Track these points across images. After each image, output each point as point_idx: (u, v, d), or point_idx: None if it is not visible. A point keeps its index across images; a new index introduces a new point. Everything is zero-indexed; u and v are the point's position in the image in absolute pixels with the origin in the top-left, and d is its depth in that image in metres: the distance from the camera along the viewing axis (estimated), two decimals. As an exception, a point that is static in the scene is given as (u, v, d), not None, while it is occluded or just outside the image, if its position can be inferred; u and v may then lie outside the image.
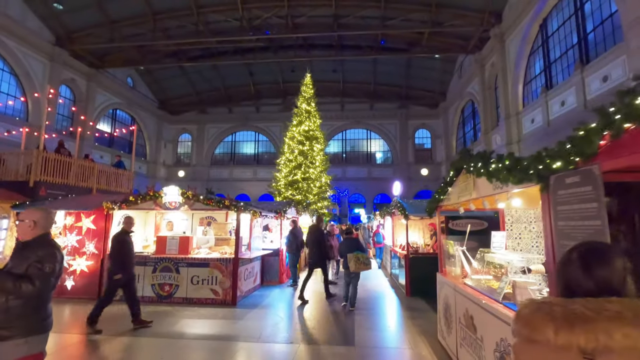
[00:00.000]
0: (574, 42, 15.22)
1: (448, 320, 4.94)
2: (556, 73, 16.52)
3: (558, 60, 16.31)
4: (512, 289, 3.46)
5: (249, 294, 8.43)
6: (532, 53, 18.02)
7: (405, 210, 8.49)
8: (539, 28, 17.34)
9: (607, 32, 13.42)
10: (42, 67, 19.20)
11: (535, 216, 5.57)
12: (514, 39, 18.59)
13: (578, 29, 14.93)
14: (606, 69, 13.02)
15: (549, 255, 2.56)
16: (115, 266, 5.81)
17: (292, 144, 19.82)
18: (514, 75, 18.75)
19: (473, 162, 3.79)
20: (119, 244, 5.87)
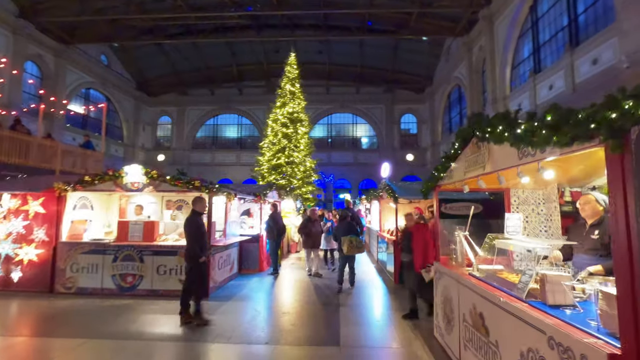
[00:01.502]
0: (564, 24, 14.58)
1: (448, 316, 4.20)
2: (545, 56, 15.93)
3: (547, 43, 15.70)
4: (539, 285, 2.69)
5: (224, 284, 7.57)
6: (521, 36, 17.36)
7: (394, 193, 7.72)
8: (529, 10, 16.65)
9: (599, 14, 12.80)
10: (4, 41, 17.37)
11: (544, 197, 4.85)
12: (503, 21, 17.86)
13: (569, 10, 14.27)
14: (596, 52, 12.45)
15: (622, 244, 1.76)
16: (197, 249, 5.32)
17: (276, 127, 18.77)
18: (502, 59, 18.10)
19: (490, 127, 2.97)
20: (196, 226, 5.41)
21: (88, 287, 6.60)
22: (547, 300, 2.58)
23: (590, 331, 2.06)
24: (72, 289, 6.59)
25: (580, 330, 2.11)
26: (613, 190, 1.82)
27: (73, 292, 6.59)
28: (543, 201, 4.81)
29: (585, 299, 2.67)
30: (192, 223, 5.37)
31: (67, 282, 6.61)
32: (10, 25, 17.45)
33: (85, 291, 6.58)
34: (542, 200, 4.81)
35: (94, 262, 6.60)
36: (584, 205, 3.51)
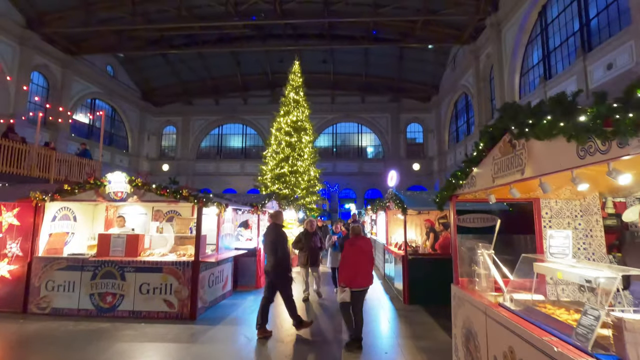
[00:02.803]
0: (575, 29, 13.89)
1: (472, 354, 3.39)
2: (555, 62, 15.21)
3: (558, 48, 14.99)
4: (612, 332, 1.90)
5: (216, 303, 6.80)
6: (529, 42, 16.70)
7: (403, 203, 6.94)
8: (538, 16, 16.02)
9: (612, 17, 12.09)
10: (11, 52, 17.13)
11: (582, 209, 4.04)
12: (511, 27, 17.22)
13: (580, 14, 13.59)
14: (611, 56, 11.71)
15: None
16: (286, 261, 5.25)
17: (279, 135, 18.14)
18: (510, 66, 17.40)
19: (535, 117, 2.22)
20: (283, 238, 5.31)
21: (63, 307, 5.88)
22: (627, 357, 1.79)
23: None
24: (47, 309, 5.88)
25: None
26: None
27: (47, 312, 5.87)
28: (581, 213, 4.00)
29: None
30: (280, 235, 5.26)
31: (42, 302, 5.91)
32: (17, 36, 17.24)
33: (60, 312, 5.86)
34: (580, 213, 4.01)
35: (71, 280, 5.90)
36: None
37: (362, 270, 4.62)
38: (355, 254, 4.66)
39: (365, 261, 4.71)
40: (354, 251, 4.69)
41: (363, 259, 4.68)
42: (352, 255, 4.66)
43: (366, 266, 4.71)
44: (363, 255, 4.70)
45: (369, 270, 4.75)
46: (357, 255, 4.66)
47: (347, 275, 4.59)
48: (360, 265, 4.62)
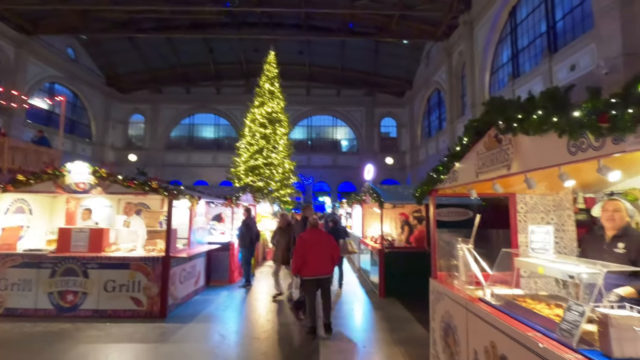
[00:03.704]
0: (542, 31, 14.43)
1: (451, 348, 3.40)
2: (524, 62, 15.77)
3: (526, 48, 15.53)
4: (597, 328, 1.90)
5: (188, 299, 6.52)
6: (500, 41, 17.17)
7: (380, 197, 6.92)
8: (508, 16, 16.48)
9: (577, 21, 12.63)
10: (-45, 28, 15.56)
11: (554, 204, 4.15)
12: (483, 26, 17.63)
13: (547, 17, 14.10)
14: (574, 58, 12.27)
15: None
16: None
17: (254, 127, 17.74)
18: (481, 64, 17.86)
19: (524, 112, 2.18)
20: None
21: (18, 307, 5.41)
22: (611, 352, 1.79)
23: None
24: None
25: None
26: None
27: (0, 313, 5.39)
28: (554, 208, 4.10)
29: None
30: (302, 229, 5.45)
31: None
32: (-39, 11, 15.67)
33: (15, 312, 5.39)
34: (553, 208, 4.11)
35: (27, 278, 5.43)
36: (613, 212, 2.82)
37: (311, 260, 4.82)
38: (304, 244, 4.89)
39: (318, 252, 4.87)
40: (303, 242, 4.92)
41: (315, 250, 4.85)
42: (301, 246, 4.90)
43: (318, 257, 4.86)
44: (316, 247, 4.88)
45: (321, 260, 4.89)
46: (307, 246, 4.87)
47: (294, 264, 4.95)
48: (309, 255, 4.83)
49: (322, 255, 4.90)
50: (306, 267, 4.83)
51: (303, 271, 4.87)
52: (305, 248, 4.86)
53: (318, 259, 4.86)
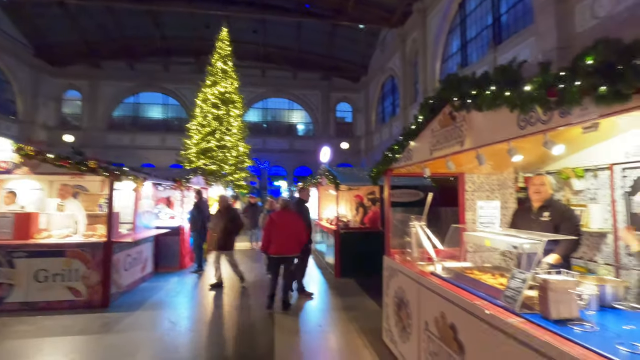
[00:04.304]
0: (488, 23, 15.13)
1: (403, 321, 3.51)
2: (471, 52, 16.49)
3: (474, 39, 16.24)
4: (538, 293, 2.03)
5: (134, 287, 6.13)
6: (450, 31, 17.76)
7: (335, 179, 6.93)
8: (459, 7, 17.04)
9: (519, 15, 13.41)
10: None
11: (499, 183, 4.41)
12: (435, 15, 18.11)
13: (493, 10, 14.79)
14: (516, 50, 13.06)
15: None
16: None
17: (205, 107, 16.89)
18: (432, 52, 18.41)
19: (478, 88, 2.21)
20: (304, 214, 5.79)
21: None
22: (549, 314, 1.92)
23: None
24: None
25: (620, 365, 1.44)
26: None
27: None
28: (498, 187, 4.36)
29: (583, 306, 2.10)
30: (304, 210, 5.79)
31: None
32: None
33: None
34: (498, 187, 4.36)
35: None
36: (539, 186, 3.15)
37: (277, 240, 5.12)
38: (272, 224, 5.20)
39: (284, 233, 5.14)
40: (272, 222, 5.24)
41: (281, 231, 5.14)
42: (269, 226, 5.23)
43: (283, 237, 5.14)
44: (283, 228, 5.15)
45: (286, 240, 5.16)
46: (274, 226, 5.17)
47: (262, 242, 5.29)
48: (275, 235, 5.13)
49: (287, 236, 5.17)
50: (272, 246, 5.15)
51: (269, 249, 5.18)
52: (273, 228, 5.16)
53: (283, 239, 5.13)
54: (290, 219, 5.32)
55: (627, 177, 3.35)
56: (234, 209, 6.49)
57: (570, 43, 10.16)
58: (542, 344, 1.70)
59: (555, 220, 3.03)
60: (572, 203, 3.80)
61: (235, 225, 6.30)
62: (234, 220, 6.25)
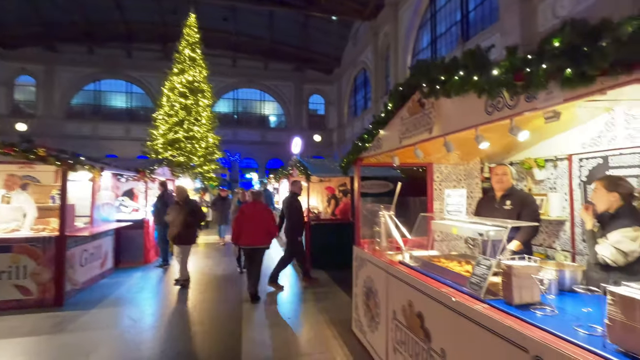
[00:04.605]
0: (457, 19, 15.45)
1: (371, 311, 3.50)
2: (441, 47, 16.80)
3: (443, 35, 16.54)
4: (502, 279, 2.04)
5: (92, 284, 5.77)
6: (421, 26, 17.99)
7: (306, 170, 6.84)
8: (429, 2, 17.27)
9: (486, 13, 13.77)
10: None
11: (466, 173, 4.48)
12: (407, 9, 18.26)
13: (462, 6, 15.10)
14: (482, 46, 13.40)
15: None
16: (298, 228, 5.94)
17: (173, 96, 16.20)
18: (404, 46, 18.59)
19: (447, 73, 2.18)
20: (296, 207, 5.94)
21: None
22: (513, 300, 1.93)
23: (596, 350, 1.42)
24: None
25: (579, 346, 1.45)
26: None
27: None
28: (465, 177, 4.43)
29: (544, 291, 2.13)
30: (293, 204, 5.90)
31: None
32: None
33: None
34: (464, 176, 4.43)
35: None
36: (502, 175, 3.24)
37: (246, 231, 5.12)
38: (242, 216, 5.21)
39: (253, 224, 5.12)
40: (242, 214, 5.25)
41: (250, 222, 5.13)
42: (239, 217, 5.23)
43: (252, 229, 5.12)
44: (252, 219, 5.15)
45: (255, 232, 5.13)
46: (244, 218, 5.18)
47: (233, 234, 5.26)
48: (245, 226, 5.12)
49: (256, 227, 5.14)
50: (242, 237, 5.16)
51: (239, 240, 5.20)
52: (243, 219, 5.18)
53: (252, 230, 5.12)
54: (260, 210, 5.28)
55: (584, 166, 3.49)
56: (193, 200, 6.09)
57: (533, 41, 10.51)
58: (505, 329, 1.71)
59: (517, 208, 3.12)
60: (533, 192, 3.93)
61: (196, 218, 5.90)
62: (193, 212, 5.84)
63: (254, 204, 5.38)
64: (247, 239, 5.14)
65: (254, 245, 5.18)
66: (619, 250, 2.16)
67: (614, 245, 2.18)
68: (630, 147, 3.03)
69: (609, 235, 2.24)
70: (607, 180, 2.40)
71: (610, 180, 2.39)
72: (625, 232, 2.19)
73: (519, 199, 3.15)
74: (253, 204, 5.39)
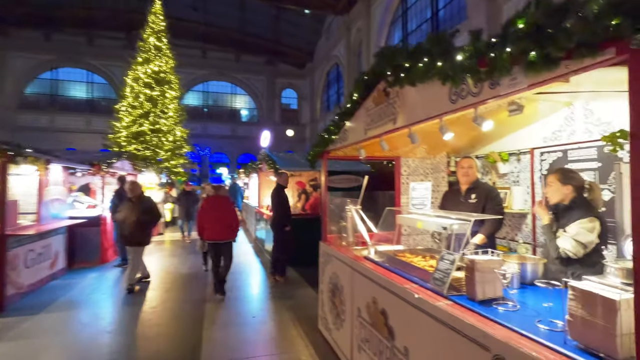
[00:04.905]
0: (427, 17, 15.64)
1: (337, 308, 3.39)
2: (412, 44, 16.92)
3: (414, 32, 16.71)
4: (465, 273, 1.97)
5: (40, 286, 5.31)
6: (393, 22, 18.11)
7: (275, 164, 6.63)
8: (400, -1, 17.38)
9: (455, 11, 14.02)
10: None
11: (432, 166, 4.46)
12: (379, 5, 18.31)
13: (432, 4, 15.30)
14: (447, 32, 13.70)
15: None
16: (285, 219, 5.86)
17: (137, 87, 15.37)
18: (375, 42, 18.65)
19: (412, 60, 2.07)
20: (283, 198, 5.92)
21: None
22: (476, 295, 1.87)
23: (557, 347, 1.36)
24: None
25: (540, 344, 1.39)
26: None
27: None
28: (431, 171, 4.41)
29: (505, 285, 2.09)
30: (280, 196, 5.89)
31: None
32: None
33: None
34: (431, 170, 4.41)
35: None
36: (467, 169, 3.23)
37: (209, 225, 5.02)
38: (203, 211, 5.15)
39: (215, 218, 5.04)
40: (203, 208, 5.19)
41: (212, 217, 5.04)
42: (201, 212, 5.17)
43: (214, 223, 5.02)
44: (213, 214, 5.06)
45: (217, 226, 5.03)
46: (205, 212, 5.11)
47: (197, 228, 5.18)
48: (207, 221, 5.03)
49: (217, 221, 5.04)
50: (205, 232, 5.07)
51: (203, 235, 5.10)
52: (204, 214, 5.11)
53: (214, 225, 5.02)
54: (221, 204, 5.19)
55: (545, 160, 3.53)
56: (148, 197, 5.52)
57: (499, 40, 10.81)
58: (467, 326, 1.63)
59: (482, 201, 3.12)
60: (497, 186, 3.95)
61: (151, 217, 5.33)
62: (148, 210, 5.25)
63: (216, 198, 5.28)
64: (211, 233, 5.03)
65: (217, 239, 5.05)
66: (578, 242, 2.15)
67: (573, 238, 2.16)
68: (588, 141, 3.08)
69: (567, 229, 2.23)
70: (561, 173, 2.40)
71: (564, 173, 2.40)
72: (582, 223, 2.19)
73: (483, 193, 3.15)
74: (214, 198, 5.28)
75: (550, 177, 2.42)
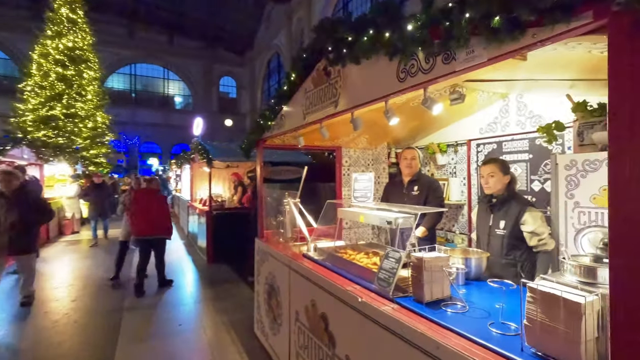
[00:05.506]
0: (367, 11, 15.74)
1: (273, 312, 3.06)
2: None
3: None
4: (412, 273, 1.77)
5: None
6: (334, 14, 17.99)
7: (208, 154, 6.03)
8: (341, -9, 17.33)
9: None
10: None
11: (373, 157, 4.31)
12: (320, -4, 18.07)
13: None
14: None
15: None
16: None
17: (46, 64, 13.23)
18: (317, 33, 18.38)
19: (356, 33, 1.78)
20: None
21: None
22: (423, 297, 1.67)
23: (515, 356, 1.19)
24: None
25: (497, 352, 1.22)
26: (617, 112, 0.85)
27: None
28: (372, 162, 4.27)
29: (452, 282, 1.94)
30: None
31: None
32: None
33: None
34: (372, 161, 4.26)
35: None
36: (411, 160, 3.15)
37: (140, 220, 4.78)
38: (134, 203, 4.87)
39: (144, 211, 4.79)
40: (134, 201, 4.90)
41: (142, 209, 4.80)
42: (134, 206, 4.87)
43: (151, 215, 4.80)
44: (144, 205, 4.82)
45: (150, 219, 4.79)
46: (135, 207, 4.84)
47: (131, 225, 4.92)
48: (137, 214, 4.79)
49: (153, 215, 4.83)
50: (140, 227, 4.81)
51: (133, 230, 4.87)
52: (134, 209, 4.86)
53: (145, 218, 4.79)
54: (152, 198, 4.96)
55: (481, 152, 3.55)
56: (32, 191, 4.48)
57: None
58: (418, 336, 1.41)
59: (424, 193, 3.06)
60: (436, 177, 3.93)
61: (37, 217, 4.20)
62: (35, 209, 4.12)
63: (147, 191, 5.04)
64: (140, 228, 4.76)
65: (148, 234, 4.78)
66: (533, 233, 2.14)
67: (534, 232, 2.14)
68: (520, 133, 3.13)
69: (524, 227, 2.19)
70: (501, 163, 2.37)
71: (504, 164, 2.38)
72: (532, 212, 2.18)
73: (425, 184, 3.09)
74: (145, 191, 5.05)
75: (491, 167, 2.35)
